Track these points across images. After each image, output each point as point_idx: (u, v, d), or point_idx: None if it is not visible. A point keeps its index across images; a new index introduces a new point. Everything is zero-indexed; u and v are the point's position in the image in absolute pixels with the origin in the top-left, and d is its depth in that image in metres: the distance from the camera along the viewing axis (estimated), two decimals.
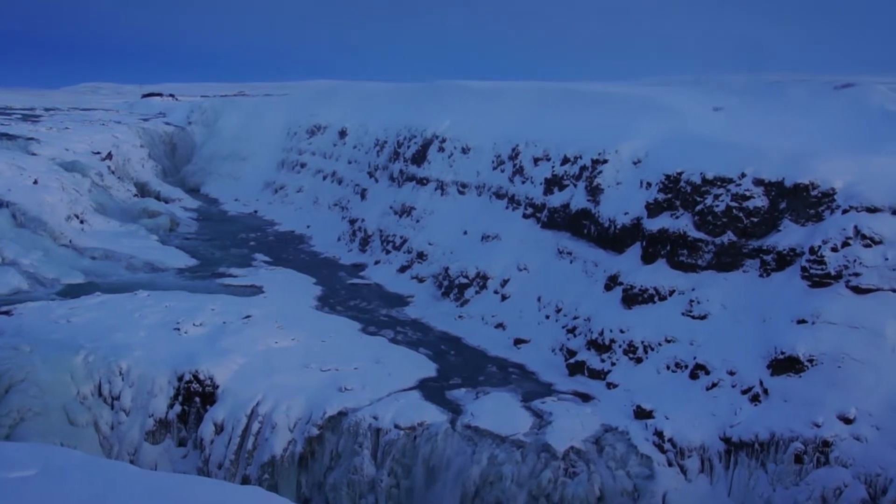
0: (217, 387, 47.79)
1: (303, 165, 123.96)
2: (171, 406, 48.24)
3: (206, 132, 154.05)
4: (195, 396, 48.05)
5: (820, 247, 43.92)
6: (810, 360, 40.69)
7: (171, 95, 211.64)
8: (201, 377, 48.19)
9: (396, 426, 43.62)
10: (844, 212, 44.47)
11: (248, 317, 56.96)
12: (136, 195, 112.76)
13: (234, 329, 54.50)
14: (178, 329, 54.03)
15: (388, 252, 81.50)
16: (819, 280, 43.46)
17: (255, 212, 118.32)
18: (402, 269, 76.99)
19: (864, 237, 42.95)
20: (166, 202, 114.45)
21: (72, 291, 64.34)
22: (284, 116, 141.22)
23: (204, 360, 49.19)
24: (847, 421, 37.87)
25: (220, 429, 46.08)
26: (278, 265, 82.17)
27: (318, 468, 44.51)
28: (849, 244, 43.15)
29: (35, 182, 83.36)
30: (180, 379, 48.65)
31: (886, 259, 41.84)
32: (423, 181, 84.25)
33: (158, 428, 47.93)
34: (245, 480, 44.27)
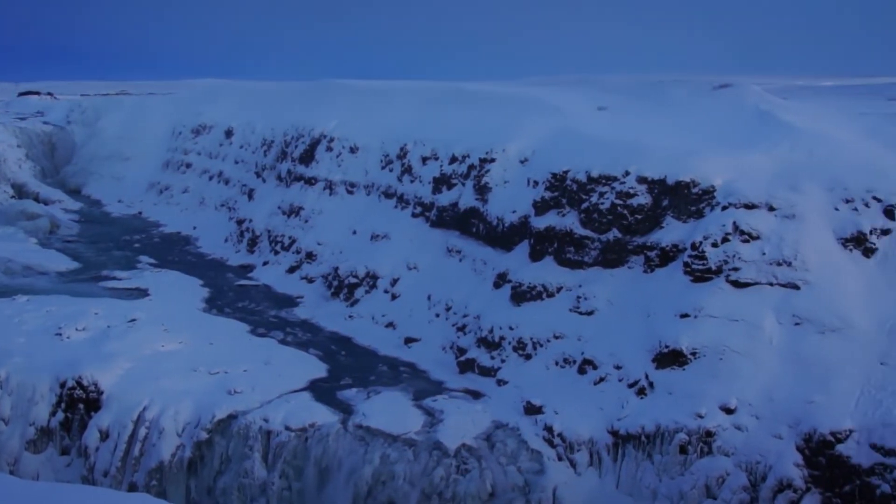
0: (102, 392, 46.67)
1: (188, 166, 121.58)
2: (53, 413, 46.95)
3: (86, 132, 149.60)
4: (79, 403, 46.84)
5: (701, 242, 45.22)
6: (693, 353, 41.86)
7: (50, 94, 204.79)
8: (85, 383, 47.01)
9: (287, 428, 43.31)
10: (724, 208, 45.88)
11: (133, 320, 55.78)
12: (13, 196, 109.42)
13: (118, 333, 53.28)
14: (60, 334, 52.63)
15: (276, 252, 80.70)
16: (700, 275, 44.74)
17: (140, 213, 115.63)
18: (291, 270, 76.35)
19: (742, 233, 44.41)
20: (46, 204, 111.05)
21: None
22: (169, 116, 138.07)
23: (87, 365, 47.98)
24: (728, 411, 39.10)
25: (105, 435, 45.04)
26: (164, 267, 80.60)
27: (208, 473, 43.89)
28: (728, 240, 44.55)
29: None
30: (63, 385, 47.38)
31: (763, 254, 43.34)
32: (311, 181, 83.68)
33: (40, 436, 46.60)
34: (132, 487, 43.44)
